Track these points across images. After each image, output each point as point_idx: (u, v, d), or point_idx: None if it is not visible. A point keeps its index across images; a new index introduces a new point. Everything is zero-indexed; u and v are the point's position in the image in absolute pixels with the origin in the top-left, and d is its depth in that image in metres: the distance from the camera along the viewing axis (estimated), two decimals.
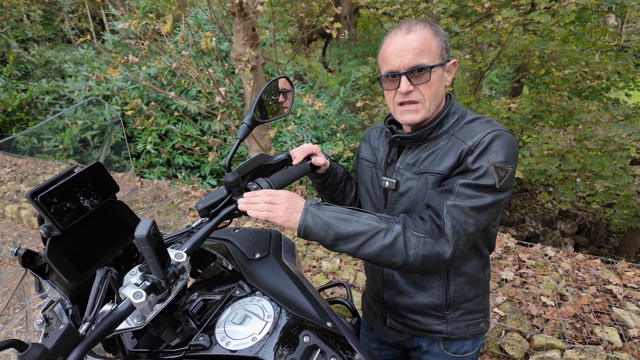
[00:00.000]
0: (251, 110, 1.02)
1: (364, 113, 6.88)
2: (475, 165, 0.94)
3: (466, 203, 0.93)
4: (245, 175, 1.06)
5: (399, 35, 0.99)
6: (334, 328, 0.88)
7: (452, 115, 1.06)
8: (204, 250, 1.12)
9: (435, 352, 1.20)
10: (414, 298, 1.15)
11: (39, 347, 0.58)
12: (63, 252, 0.76)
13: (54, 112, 7.98)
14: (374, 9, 6.83)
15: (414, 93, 1.01)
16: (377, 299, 1.27)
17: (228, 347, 0.81)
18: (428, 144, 1.06)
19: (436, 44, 0.99)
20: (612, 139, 4.82)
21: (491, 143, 0.94)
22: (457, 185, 0.95)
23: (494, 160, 0.93)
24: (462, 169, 0.96)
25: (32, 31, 11.01)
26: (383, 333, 1.29)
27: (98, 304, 0.76)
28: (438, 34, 1.00)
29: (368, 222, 0.92)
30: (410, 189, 1.07)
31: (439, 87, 1.02)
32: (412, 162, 1.08)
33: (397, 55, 0.98)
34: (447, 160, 1.00)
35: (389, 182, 1.11)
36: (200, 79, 4.84)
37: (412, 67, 0.97)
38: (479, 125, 1.00)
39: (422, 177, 1.04)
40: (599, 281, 2.78)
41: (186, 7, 7.90)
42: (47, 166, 4.93)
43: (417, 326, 1.18)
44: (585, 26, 6.54)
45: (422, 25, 0.99)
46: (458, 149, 0.98)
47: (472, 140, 0.96)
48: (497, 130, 0.96)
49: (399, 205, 1.11)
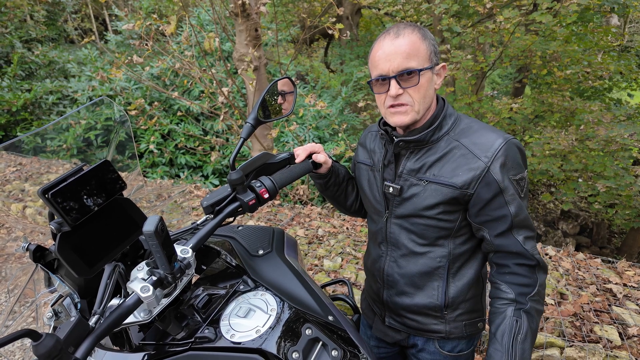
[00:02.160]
0: (255, 110, 1.04)
1: (366, 113, 6.91)
2: (505, 183, 0.99)
3: (527, 229, 1.03)
4: (249, 173, 1.08)
5: (388, 40, 1.01)
6: (335, 322, 0.90)
7: (449, 117, 1.08)
8: (209, 247, 1.14)
9: (430, 350, 1.21)
10: (413, 298, 1.17)
11: (52, 337, 0.61)
12: (73, 247, 0.78)
13: (58, 111, 8.02)
14: (375, 10, 6.85)
15: (404, 96, 1.02)
16: (377, 298, 1.28)
17: (233, 340, 0.83)
18: (430, 147, 1.07)
19: (424, 47, 1.01)
20: (614, 139, 4.82)
21: (508, 156, 0.99)
22: (512, 220, 1.01)
23: (515, 174, 1.00)
24: (495, 189, 1.00)
25: (36, 31, 11.07)
26: (382, 332, 1.30)
27: (107, 297, 0.78)
28: (426, 38, 1.02)
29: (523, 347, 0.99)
30: (415, 195, 1.08)
31: (428, 90, 1.03)
32: (416, 167, 1.08)
33: (386, 59, 1.00)
34: (460, 173, 1.02)
35: (393, 189, 1.11)
36: (203, 79, 4.87)
37: (401, 70, 0.99)
38: (484, 132, 1.03)
39: (431, 186, 1.06)
40: (599, 280, 2.79)
41: (189, 7, 7.93)
42: (52, 165, 4.97)
43: (415, 326, 1.20)
44: (588, 26, 6.53)
45: (410, 29, 1.01)
46: (474, 163, 1.00)
47: (486, 155, 0.99)
48: (507, 141, 1.00)
49: (401, 208, 1.12)
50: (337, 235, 3.69)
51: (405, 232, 1.14)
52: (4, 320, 0.98)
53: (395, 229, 1.16)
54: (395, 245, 1.17)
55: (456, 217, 1.08)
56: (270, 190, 1.02)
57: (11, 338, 0.56)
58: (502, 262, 1.05)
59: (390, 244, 1.19)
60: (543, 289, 1.04)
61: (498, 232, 1.03)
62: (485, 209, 1.02)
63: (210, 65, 5.30)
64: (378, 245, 1.23)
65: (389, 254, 1.20)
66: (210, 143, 6.45)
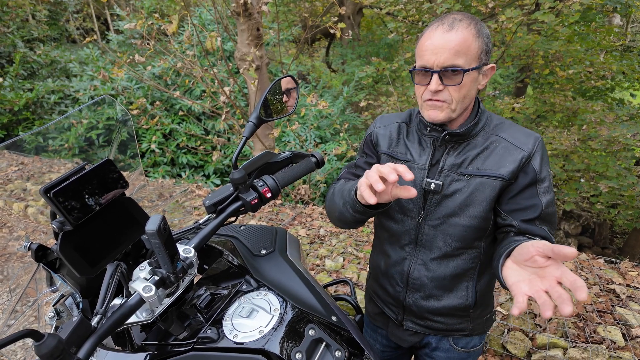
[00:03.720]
0: (257, 109, 1.03)
1: (367, 113, 6.90)
2: (543, 174, 1.00)
3: (551, 226, 1.02)
4: (251, 172, 1.08)
5: (439, 31, 0.93)
6: (338, 322, 0.89)
7: (483, 112, 1.06)
8: (211, 246, 1.14)
9: (445, 347, 1.19)
10: (441, 301, 1.12)
11: (55, 337, 0.60)
12: (75, 246, 0.78)
13: (60, 111, 8.04)
14: (377, 9, 6.84)
15: (443, 93, 0.97)
16: (394, 302, 1.21)
17: (235, 340, 0.83)
18: (469, 142, 1.04)
19: (476, 45, 0.94)
20: (616, 139, 4.81)
21: (543, 150, 1.01)
22: (542, 210, 0.99)
23: (548, 170, 1.02)
24: (531, 179, 0.99)
25: (38, 31, 11.10)
26: (398, 337, 1.25)
27: (109, 297, 0.78)
28: (481, 35, 0.95)
29: None
30: (458, 191, 1.03)
31: (470, 90, 0.98)
32: (458, 162, 1.03)
33: (432, 51, 0.94)
34: (507, 164, 0.99)
35: (435, 185, 1.03)
36: (205, 78, 4.87)
37: (446, 67, 0.93)
38: (517, 128, 1.05)
39: (475, 180, 1.01)
40: (602, 281, 2.78)
41: (190, 7, 7.93)
42: (53, 165, 4.97)
43: (440, 327, 1.16)
44: (590, 26, 6.51)
45: (466, 23, 0.93)
46: (517, 155, 0.99)
47: (528, 147, 1.00)
48: (540, 137, 1.02)
49: (442, 207, 1.05)
50: (338, 235, 3.68)
51: (441, 234, 1.07)
52: (6, 320, 0.98)
53: (429, 230, 1.08)
54: (427, 248, 1.10)
55: (492, 214, 1.05)
56: (273, 189, 1.02)
57: (13, 338, 0.56)
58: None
59: (420, 246, 1.11)
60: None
61: (525, 219, 1.00)
62: (517, 197, 1.00)
63: (212, 64, 5.30)
64: (402, 247, 1.15)
65: (418, 256, 1.12)
66: (211, 143, 6.45)
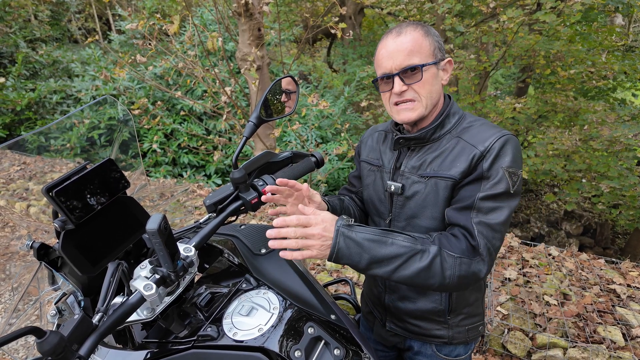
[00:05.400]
0: (257, 108, 1.04)
1: (369, 113, 6.89)
2: (491, 172, 0.95)
3: (491, 219, 0.94)
4: (252, 172, 1.08)
5: (390, 38, 1.02)
6: (337, 321, 0.90)
7: (452, 115, 1.07)
8: (211, 245, 1.15)
9: (427, 353, 1.20)
10: (416, 303, 1.15)
11: (56, 335, 0.61)
12: (76, 245, 0.79)
13: (62, 111, 8.06)
14: (378, 9, 6.84)
15: (409, 92, 1.02)
16: (378, 302, 1.26)
17: (235, 338, 0.83)
18: (432, 145, 1.06)
19: (427, 43, 1.01)
20: (618, 140, 4.80)
21: (503, 148, 0.96)
22: (477, 201, 0.95)
23: (506, 166, 0.95)
24: (477, 175, 0.97)
25: (40, 31, 11.13)
26: (381, 336, 1.29)
27: (110, 295, 0.79)
28: (429, 34, 1.02)
29: (404, 244, 0.90)
30: (417, 193, 1.06)
31: (434, 85, 1.02)
32: (417, 164, 1.07)
33: (388, 57, 1.01)
34: (458, 164, 0.99)
35: (395, 187, 1.10)
36: (206, 78, 4.87)
37: (403, 67, 0.99)
38: (486, 128, 1.01)
39: (431, 181, 1.03)
40: (603, 281, 2.78)
41: (192, 7, 7.95)
42: (55, 164, 4.99)
43: (417, 331, 1.18)
44: (592, 26, 6.50)
45: (412, 27, 1.01)
46: (470, 154, 0.98)
47: (484, 145, 0.97)
48: (507, 135, 0.98)
49: (405, 209, 1.10)
50: None
51: None
52: (8, 318, 0.98)
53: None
54: None
55: None
56: None
57: (15, 335, 0.56)
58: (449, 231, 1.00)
59: None
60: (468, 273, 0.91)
61: (456, 207, 0.99)
62: (460, 190, 1.00)
63: (213, 64, 5.30)
64: None
65: None
66: (212, 142, 6.45)
